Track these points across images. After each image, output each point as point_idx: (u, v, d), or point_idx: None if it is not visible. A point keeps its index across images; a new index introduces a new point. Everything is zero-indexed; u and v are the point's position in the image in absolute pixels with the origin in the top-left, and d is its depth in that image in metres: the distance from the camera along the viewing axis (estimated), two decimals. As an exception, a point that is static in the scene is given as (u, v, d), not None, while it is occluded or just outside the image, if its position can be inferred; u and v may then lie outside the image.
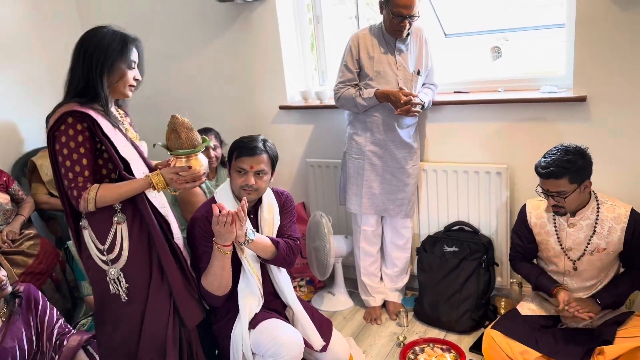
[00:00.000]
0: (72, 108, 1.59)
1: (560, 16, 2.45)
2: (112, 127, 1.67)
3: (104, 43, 1.63)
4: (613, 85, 2.24)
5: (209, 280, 1.88)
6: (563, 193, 1.90)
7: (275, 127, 3.11)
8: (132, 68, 1.69)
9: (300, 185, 3.17)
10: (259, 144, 1.97)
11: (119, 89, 1.69)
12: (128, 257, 1.69)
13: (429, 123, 2.69)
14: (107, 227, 1.68)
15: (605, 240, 1.96)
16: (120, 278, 1.69)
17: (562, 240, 2.03)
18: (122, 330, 1.74)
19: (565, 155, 1.89)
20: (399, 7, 2.27)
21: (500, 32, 2.83)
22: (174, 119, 1.64)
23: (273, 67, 3.01)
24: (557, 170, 1.88)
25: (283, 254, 1.98)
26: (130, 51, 1.67)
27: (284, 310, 2.10)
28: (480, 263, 2.51)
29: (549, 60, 2.72)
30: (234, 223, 1.77)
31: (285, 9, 2.97)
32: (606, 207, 1.97)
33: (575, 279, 2.03)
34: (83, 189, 1.59)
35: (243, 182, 1.94)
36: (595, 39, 2.22)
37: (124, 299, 1.70)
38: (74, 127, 1.58)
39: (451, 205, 2.69)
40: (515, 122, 2.49)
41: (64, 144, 1.58)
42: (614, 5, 2.15)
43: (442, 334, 2.53)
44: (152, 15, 3.30)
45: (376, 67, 2.43)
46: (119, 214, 1.69)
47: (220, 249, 1.82)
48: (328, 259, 2.65)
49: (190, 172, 1.65)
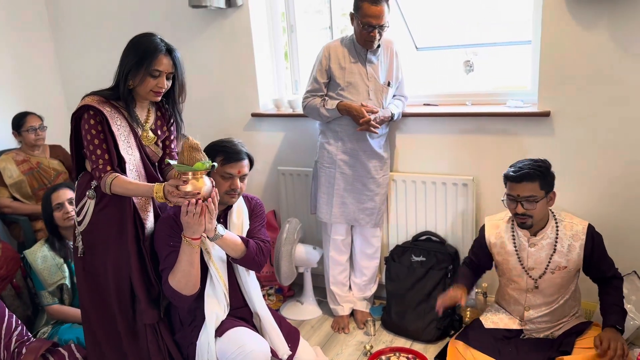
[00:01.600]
0: (91, 103, 1.78)
1: (528, 33, 2.53)
2: (128, 126, 1.85)
3: (132, 48, 1.80)
4: (576, 102, 2.32)
5: (177, 277, 1.83)
6: (533, 198, 1.91)
7: (247, 135, 3.11)
8: (155, 76, 1.80)
9: (271, 193, 3.17)
10: (242, 149, 1.99)
11: (141, 93, 1.83)
12: (87, 226, 1.90)
13: (399, 134, 2.73)
14: (82, 195, 1.91)
15: (566, 258, 1.99)
16: (79, 238, 1.93)
17: (523, 259, 2.05)
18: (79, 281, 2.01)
19: (535, 163, 1.94)
20: (368, 17, 2.31)
21: (470, 46, 2.90)
22: (185, 140, 1.72)
23: (246, 75, 3.01)
24: (532, 172, 1.90)
25: (253, 253, 1.97)
26: (153, 60, 1.78)
27: (251, 319, 2.09)
28: (446, 273, 2.55)
29: (516, 76, 2.80)
30: (203, 214, 1.75)
31: (259, 17, 2.98)
32: (565, 225, 2.01)
33: (538, 296, 2.06)
34: (103, 170, 1.79)
35: (229, 187, 1.94)
36: (559, 57, 2.30)
37: (80, 255, 1.94)
38: (91, 119, 1.79)
39: (419, 215, 2.73)
40: (481, 134, 2.55)
41: (87, 131, 1.79)
42: (577, 26, 2.23)
43: (409, 343, 2.55)
44: (123, 21, 3.27)
45: (347, 77, 2.46)
46: (91, 190, 1.87)
47: (189, 241, 1.78)
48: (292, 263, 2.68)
49: (184, 190, 1.69)
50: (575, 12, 2.22)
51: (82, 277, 1.96)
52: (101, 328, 1.97)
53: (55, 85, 3.65)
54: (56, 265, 2.38)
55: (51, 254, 2.40)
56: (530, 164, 1.93)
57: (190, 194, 1.69)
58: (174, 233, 1.88)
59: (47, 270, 2.36)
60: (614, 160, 2.31)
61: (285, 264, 2.72)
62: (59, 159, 3.11)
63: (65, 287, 2.40)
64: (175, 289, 1.84)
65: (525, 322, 2.09)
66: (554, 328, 2.08)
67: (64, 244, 2.45)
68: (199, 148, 1.71)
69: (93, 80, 3.44)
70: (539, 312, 2.07)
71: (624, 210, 2.34)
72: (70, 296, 2.43)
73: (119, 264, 1.91)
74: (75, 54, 3.57)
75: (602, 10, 2.17)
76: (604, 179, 2.35)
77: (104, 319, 1.96)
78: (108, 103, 1.81)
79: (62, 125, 3.66)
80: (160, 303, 2.00)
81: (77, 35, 3.51)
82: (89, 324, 1.99)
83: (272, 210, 3.17)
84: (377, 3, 2.28)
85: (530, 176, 1.90)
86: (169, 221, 1.92)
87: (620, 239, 2.31)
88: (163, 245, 1.90)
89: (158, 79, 1.80)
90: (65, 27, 3.53)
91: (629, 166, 2.29)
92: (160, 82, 1.81)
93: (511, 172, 1.95)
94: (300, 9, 3.05)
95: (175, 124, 2.01)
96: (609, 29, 2.18)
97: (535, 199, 1.92)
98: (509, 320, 2.13)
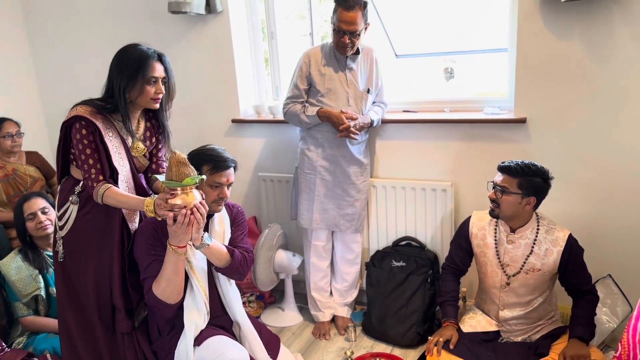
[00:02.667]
0: (83, 114, 1.79)
1: (505, 41, 2.57)
2: (119, 137, 1.86)
3: (123, 62, 1.81)
4: (551, 108, 2.37)
5: (161, 287, 1.81)
6: (504, 189, 1.98)
7: (227, 141, 3.10)
8: (152, 84, 1.83)
9: (252, 199, 3.16)
10: (229, 156, 1.99)
11: (141, 103, 1.86)
12: (70, 231, 1.90)
13: (379, 140, 2.75)
14: (65, 200, 1.91)
15: (541, 262, 2.03)
16: (60, 242, 1.93)
17: (500, 254, 2.10)
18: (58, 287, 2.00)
19: (529, 165, 2.00)
20: (340, 22, 2.33)
21: (449, 54, 2.94)
22: (172, 155, 1.71)
23: (226, 81, 3.01)
24: (515, 167, 1.98)
25: (237, 263, 1.96)
26: (147, 68, 1.80)
27: (231, 327, 2.07)
28: (426, 278, 2.57)
29: (494, 83, 2.84)
30: (190, 224, 1.73)
31: (240, 24, 2.98)
32: (546, 230, 2.05)
33: (510, 295, 2.10)
34: (96, 180, 1.80)
35: (218, 196, 1.93)
36: (534, 65, 2.34)
37: (60, 259, 1.94)
38: (83, 129, 1.79)
39: (399, 220, 2.75)
40: (460, 141, 2.58)
41: (79, 141, 1.80)
42: (551, 35, 2.28)
43: (389, 348, 2.57)
44: (102, 27, 3.23)
45: (327, 84, 2.48)
46: (75, 195, 1.88)
47: (175, 250, 1.76)
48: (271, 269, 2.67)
49: (171, 204, 1.69)
50: (549, 20, 2.27)
51: (61, 281, 1.96)
52: (79, 333, 1.95)
53: (32, 91, 3.60)
54: (31, 276, 2.34)
55: (25, 264, 2.36)
56: (523, 163, 2.00)
57: (178, 207, 1.69)
58: (155, 242, 1.87)
59: (22, 281, 2.32)
60: (590, 165, 2.35)
61: (262, 269, 2.71)
62: (35, 166, 3.06)
63: (40, 297, 2.35)
64: (160, 297, 1.82)
65: (500, 322, 2.12)
66: (530, 332, 2.11)
67: (38, 253, 2.40)
68: (186, 162, 1.70)
69: (72, 87, 3.45)
70: (513, 313, 2.10)
71: (601, 214, 2.39)
72: (46, 307, 2.38)
73: (101, 271, 1.91)
74: (54, 61, 3.52)
75: (574, 19, 2.22)
76: (580, 183, 2.40)
77: (82, 324, 1.95)
78: (100, 115, 1.82)
79: (39, 131, 3.63)
80: (135, 313, 2.00)
81: (56, 43, 3.46)
82: (66, 329, 1.97)
83: (253, 216, 3.16)
84: (350, 9, 2.30)
85: (511, 171, 1.99)
86: (149, 230, 1.90)
87: (597, 242, 2.36)
88: (144, 255, 1.88)
89: (155, 86, 1.84)
90: (43, 34, 3.48)
91: (605, 171, 2.34)
92: (158, 88, 1.85)
93: (502, 162, 2.05)
94: (282, 15, 3.06)
95: (164, 132, 2.03)
96: (581, 36, 2.23)
97: (505, 191, 1.99)
98: (487, 323, 2.16)
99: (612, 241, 2.38)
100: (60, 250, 1.93)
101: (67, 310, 1.96)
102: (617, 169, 2.31)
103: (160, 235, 1.88)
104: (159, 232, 1.87)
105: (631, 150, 2.27)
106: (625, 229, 2.34)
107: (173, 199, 1.68)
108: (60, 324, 2.00)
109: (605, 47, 2.21)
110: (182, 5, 2.74)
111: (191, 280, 1.92)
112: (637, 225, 2.03)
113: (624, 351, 1.62)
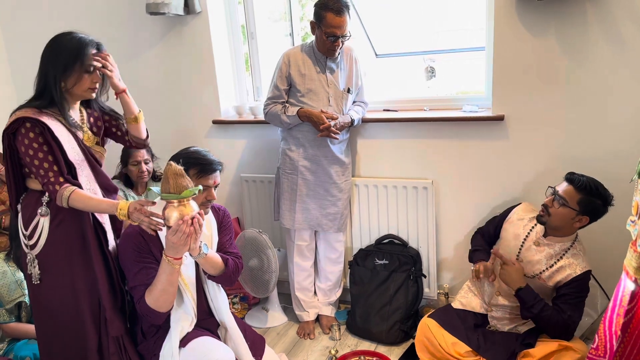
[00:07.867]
0: (28, 115, 1.70)
1: (482, 40, 2.61)
2: (67, 131, 1.77)
3: (59, 50, 1.74)
4: (528, 105, 2.41)
5: (155, 296, 1.78)
6: (564, 202, 1.98)
7: (208, 142, 3.08)
8: (90, 72, 1.77)
9: (234, 200, 3.15)
10: (214, 158, 1.97)
11: (76, 92, 1.78)
12: (44, 246, 1.80)
13: (360, 139, 2.77)
14: (32, 216, 1.79)
15: (550, 277, 2.06)
16: (34, 263, 1.81)
17: (523, 249, 2.13)
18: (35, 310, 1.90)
19: (598, 185, 1.98)
20: (332, 28, 2.34)
21: (428, 53, 2.97)
22: (167, 166, 1.69)
23: (206, 82, 2.99)
24: (584, 183, 1.96)
25: (230, 272, 1.97)
26: (86, 56, 1.74)
27: (216, 329, 2.07)
28: (409, 275, 2.60)
29: (473, 82, 2.88)
30: (190, 236, 1.71)
31: (219, 24, 2.97)
32: (573, 253, 2.06)
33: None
34: (57, 183, 1.72)
35: (206, 199, 1.92)
36: (511, 63, 2.38)
37: (36, 282, 1.83)
38: (30, 132, 1.70)
39: (382, 219, 2.77)
40: (440, 139, 2.61)
41: (28, 146, 1.71)
42: (527, 32, 2.32)
43: (374, 345, 2.58)
44: (80, 29, 3.17)
45: (307, 84, 2.48)
46: (44, 206, 1.79)
47: (171, 262, 1.73)
48: (272, 276, 2.66)
49: (169, 215, 1.67)
50: (525, 19, 2.31)
51: (41, 305, 1.86)
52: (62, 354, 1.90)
53: (11, 97, 3.53)
54: (16, 282, 2.30)
55: (11, 269, 2.32)
56: (594, 182, 1.98)
57: (157, 215, 1.67)
58: (142, 249, 1.84)
59: (6, 287, 2.28)
60: (567, 162, 2.39)
61: (260, 278, 2.71)
62: None
63: (24, 304, 2.32)
64: (153, 307, 1.80)
65: (490, 306, 2.16)
66: (517, 323, 2.15)
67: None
68: (183, 174, 1.68)
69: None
70: (506, 302, 2.15)
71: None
72: (29, 314, 2.35)
73: (89, 278, 1.85)
74: (29, 65, 3.44)
75: (550, 17, 2.27)
76: (558, 180, 2.44)
77: (65, 345, 1.89)
78: (43, 113, 1.74)
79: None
80: (125, 314, 1.97)
81: (32, 46, 3.40)
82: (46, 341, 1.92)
83: (236, 217, 3.15)
84: (341, 14, 2.33)
85: (579, 184, 1.97)
86: (134, 236, 1.86)
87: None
88: (131, 262, 1.85)
89: (92, 75, 1.78)
90: (20, 39, 3.42)
91: (583, 168, 2.37)
92: (95, 77, 1.79)
93: (572, 173, 2.04)
94: (263, 15, 3.06)
95: (111, 115, 1.99)
96: (556, 34, 2.28)
97: (563, 202, 1.98)
98: (476, 305, 2.22)
99: (593, 237, 2.41)
100: (35, 272, 1.81)
101: (49, 333, 1.89)
102: (594, 166, 2.35)
103: (147, 241, 1.85)
104: (145, 237, 1.84)
105: (609, 148, 2.32)
106: (604, 226, 2.38)
107: (169, 211, 1.66)
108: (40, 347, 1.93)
109: (580, 45, 2.26)
110: (160, 6, 2.72)
111: (179, 286, 1.91)
112: (615, 222, 2.08)
113: (601, 342, 1.66)
